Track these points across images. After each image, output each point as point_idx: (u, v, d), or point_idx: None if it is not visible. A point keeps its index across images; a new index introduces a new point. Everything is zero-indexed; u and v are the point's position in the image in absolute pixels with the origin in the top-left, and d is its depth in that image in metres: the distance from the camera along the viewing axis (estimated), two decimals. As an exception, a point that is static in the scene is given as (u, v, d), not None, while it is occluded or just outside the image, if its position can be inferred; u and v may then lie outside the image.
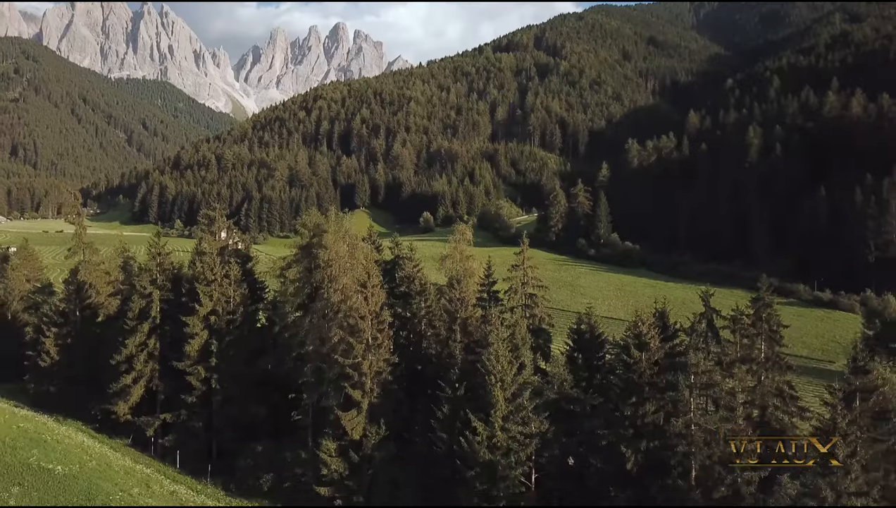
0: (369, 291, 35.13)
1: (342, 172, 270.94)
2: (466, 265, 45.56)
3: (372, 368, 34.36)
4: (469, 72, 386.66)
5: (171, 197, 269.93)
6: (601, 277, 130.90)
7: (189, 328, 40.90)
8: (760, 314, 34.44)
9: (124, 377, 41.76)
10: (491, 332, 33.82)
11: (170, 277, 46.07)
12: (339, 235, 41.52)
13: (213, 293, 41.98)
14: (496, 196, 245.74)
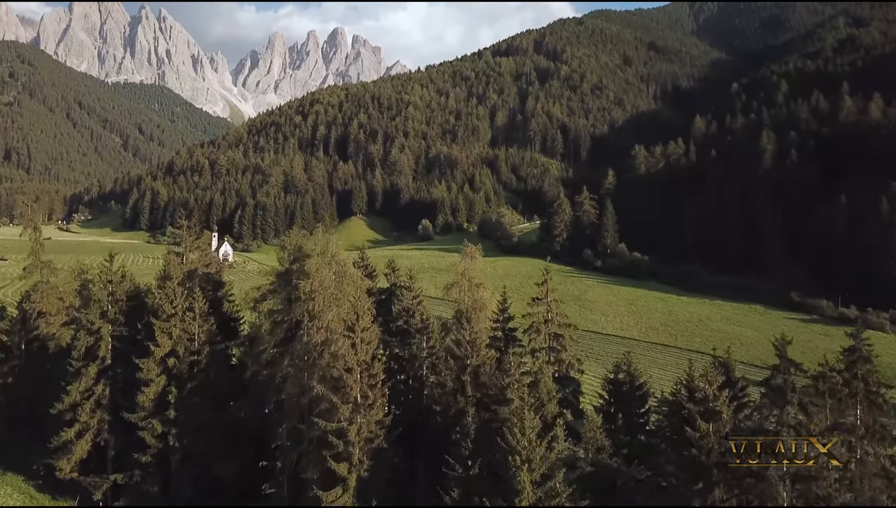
0: (358, 335, 28.30)
1: (339, 178, 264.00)
2: (476, 296, 38.56)
3: (361, 434, 27.56)
4: (468, 76, 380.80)
5: (162, 203, 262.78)
6: (609, 290, 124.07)
7: (143, 372, 34.00)
8: (856, 371, 27.41)
9: (66, 432, 34.80)
10: (510, 385, 26.98)
11: (123, 308, 38.96)
12: (325, 260, 34.62)
13: (173, 330, 35.07)
14: (497, 203, 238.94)
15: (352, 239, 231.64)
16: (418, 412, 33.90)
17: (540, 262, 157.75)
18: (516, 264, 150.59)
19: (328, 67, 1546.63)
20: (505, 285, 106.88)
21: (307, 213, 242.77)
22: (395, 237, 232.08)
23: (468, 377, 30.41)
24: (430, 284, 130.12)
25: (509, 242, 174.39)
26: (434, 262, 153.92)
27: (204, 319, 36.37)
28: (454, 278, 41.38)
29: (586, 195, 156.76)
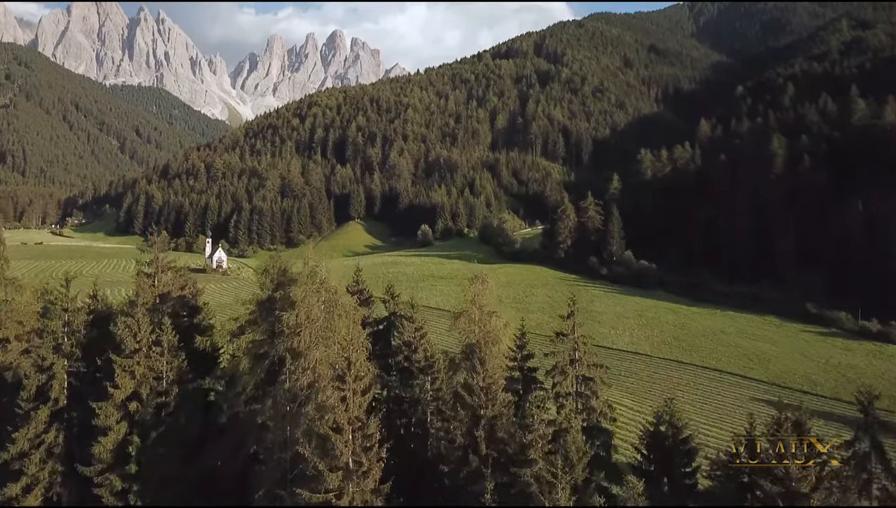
0: (350, 387, 23.46)
1: (336, 181, 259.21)
2: (489, 327, 33.45)
3: (353, 504, 22.66)
4: (468, 79, 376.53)
5: (157, 207, 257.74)
6: (617, 300, 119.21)
7: (100, 419, 29.15)
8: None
9: (10, 487, 29.86)
10: (533, 444, 22.19)
11: (81, 340, 33.97)
12: (313, 287, 29.79)
13: (137, 368, 30.20)
14: (497, 208, 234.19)
15: (349, 244, 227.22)
16: (422, 465, 29.07)
17: (544, 270, 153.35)
18: (519, 271, 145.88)
19: (327, 69, 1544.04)
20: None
21: (304, 217, 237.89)
22: (394, 243, 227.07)
23: (482, 431, 25.55)
24: (430, 292, 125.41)
25: (511, 248, 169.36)
26: (434, 269, 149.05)
27: (174, 353, 31.46)
28: (463, 306, 36.29)
29: (591, 201, 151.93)
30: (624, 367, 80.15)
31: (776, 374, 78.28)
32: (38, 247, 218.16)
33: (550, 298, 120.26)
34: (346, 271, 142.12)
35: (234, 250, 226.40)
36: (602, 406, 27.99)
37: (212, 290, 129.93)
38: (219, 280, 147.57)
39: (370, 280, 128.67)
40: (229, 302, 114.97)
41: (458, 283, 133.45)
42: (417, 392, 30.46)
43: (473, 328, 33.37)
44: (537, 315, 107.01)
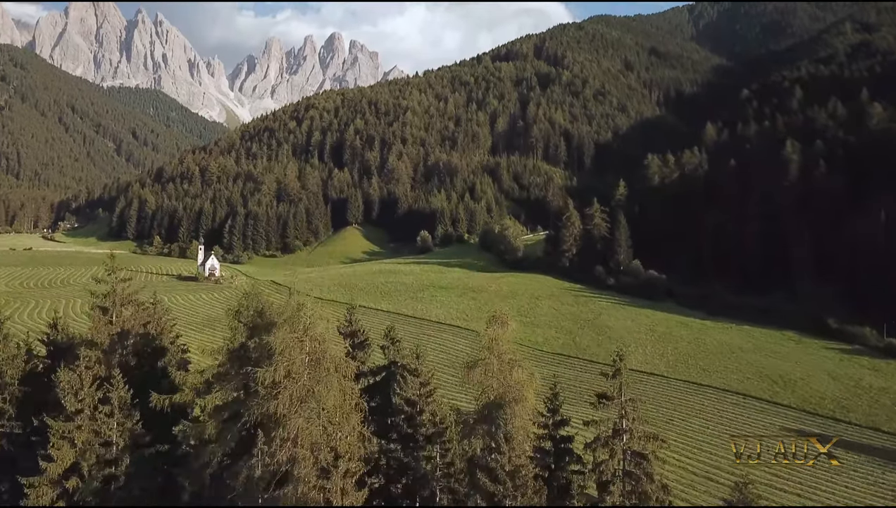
0: (337, 483, 17.91)
1: (334, 186, 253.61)
2: (511, 381, 27.44)
3: None
4: (468, 81, 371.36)
5: (150, 212, 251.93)
6: (626, 313, 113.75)
7: (29, 499, 23.60)
8: None
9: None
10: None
11: (17, 394, 28.30)
12: (295, 335, 24.25)
13: (77, 435, 24.62)
14: (498, 213, 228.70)
15: (348, 250, 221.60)
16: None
17: (548, 279, 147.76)
18: (522, 281, 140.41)
19: (325, 72, 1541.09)
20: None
21: (301, 223, 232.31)
22: (392, 249, 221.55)
23: (507, 529, 20.10)
24: (430, 303, 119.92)
25: (514, 256, 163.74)
26: (435, 278, 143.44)
27: (126, 413, 25.84)
28: (479, 354, 30.60)
29: (597, 208, 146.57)
30: (640, 390, 74.54)
31: (804, 398, 72.86)
32: (26, 253, 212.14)
33: (556, 310, 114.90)
34: (343, 280, 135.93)
35: (228, 256, 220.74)
36: (657, 492, 22.38)
37: (202, 301, 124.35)
38: (210, 289, 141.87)
39: (368, 289, 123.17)
40: (219, 315, 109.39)
41: (459, 293, 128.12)
42: (424, 468, 24.97)
43: (492, 381, 27.63)
44: (544, 330, 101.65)
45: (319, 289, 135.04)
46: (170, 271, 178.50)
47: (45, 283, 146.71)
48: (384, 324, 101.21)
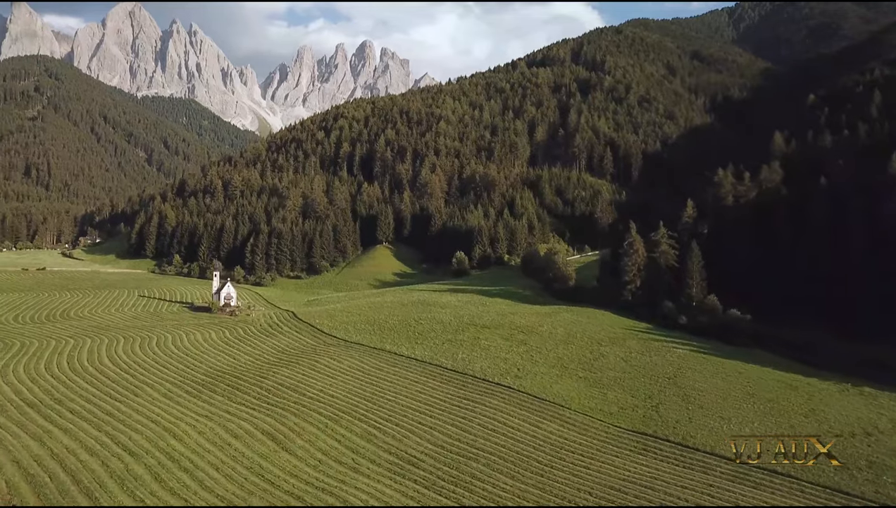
0: None
1: (363, 201, 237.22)
2: None
3: None
4: (503, 88, 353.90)
5: (170, 228, 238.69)
6: (712, 366, 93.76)
7: None
8: None
9: None
10: None
11: None
12: None
13: None
14: (541, 231, 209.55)
15: (377, 272, 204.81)
16: None
17: (607, 316, 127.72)
18: (578, 318, 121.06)
19: (356, 79, 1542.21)
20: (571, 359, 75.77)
21: (327, 241, 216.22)
22: (425, 270, 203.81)
23: None
24: (472, 349, 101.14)
25: (564, 285, 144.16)
26: (475, 313, 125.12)
27: None
28: None
29: (663, 233, 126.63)
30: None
31: None
32: (37, 274, 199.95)
33: (625, 361, 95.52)
34: (371, 314, 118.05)
35: (250, 277, 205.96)
36: None
37: (210, 343, 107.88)
38: (222, 324, 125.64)
39: (399, 328, 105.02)
40: (226, 367, 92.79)
41: (506, 335, 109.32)
42: None
43: None
44: (616, 393, 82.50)
45: (345, 327, 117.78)
46: (184, 298, 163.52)
47: (44, 315, 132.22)
48: (419, 378, 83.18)
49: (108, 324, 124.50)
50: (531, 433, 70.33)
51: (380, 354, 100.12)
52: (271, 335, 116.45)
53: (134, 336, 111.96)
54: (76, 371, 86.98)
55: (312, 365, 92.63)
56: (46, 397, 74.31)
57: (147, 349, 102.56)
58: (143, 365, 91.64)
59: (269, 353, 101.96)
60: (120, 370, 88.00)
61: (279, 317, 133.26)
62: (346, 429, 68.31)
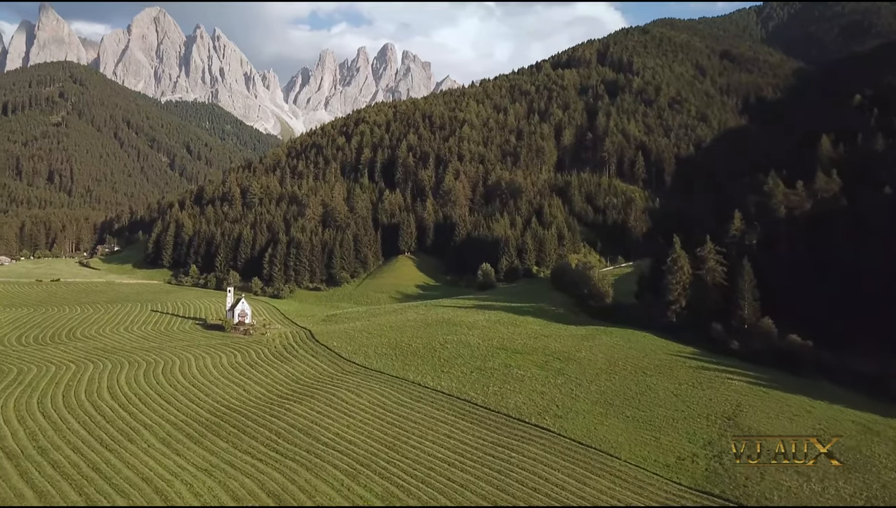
0: None
1: (384, 209, 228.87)
2: None
3: None
4: (528, 90, 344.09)
5: (186, 237, 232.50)
6: (774, 403, 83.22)
7: None
8: None
9: None
10: None
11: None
12: None
13: None
14: (571, 241, 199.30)
15: (399, 283, 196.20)
16: None
17: (650, 339, 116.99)
18: (618, 342, 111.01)
19: (378, 82, 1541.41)
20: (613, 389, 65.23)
21: (348, 251, 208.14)
22: (449, 282, 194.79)
23: None
24: (505, 380, 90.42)
25: (600, 302, 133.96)
26: (506, 335, 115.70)
27: None
28: None
29: (710, 248, 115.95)
30: None
31: None
32: (50, 286, 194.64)
33: (677, 396, 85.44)
34: (393, 335, 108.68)
35: (268, 288, 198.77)
36: None
37: (220, 371, 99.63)
38: (235, 345, 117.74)
39: (423, 353, 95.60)
40: (234, 401, 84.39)
41: (540, 363, 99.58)
42: None
43: None
44: (671, 437, 72.52)
45: (364, 351, 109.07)
46: (197, 313, 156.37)
47: (48, 335, 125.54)
48: (446, 417, 73.78)
49: (115, 346, 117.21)
50: (577, 492, 60.78)
51: (402, 385, 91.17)
52: (286, 359, 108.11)
53: (140, 361, 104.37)
54: (70, 408, 79.22)
55: (329, 399, 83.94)
56: (30, 444, 66.40)
57: (151, 377, 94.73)
58: (145, 399, 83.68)
59: (283, 383, 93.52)
60: (118, 407, 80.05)
61: (295, 337, 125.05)
62: (364, 488, 59.33)
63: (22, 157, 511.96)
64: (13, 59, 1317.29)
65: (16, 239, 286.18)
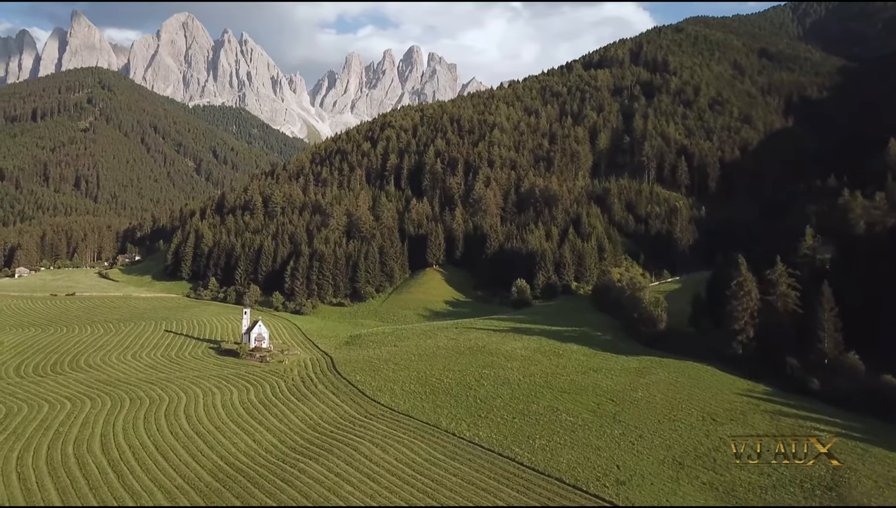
0: None
1: (411, 219, 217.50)
2: None
3: None
4: (559, 92, 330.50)
5: (206, 249, 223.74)
6: (878, 462, 69.20)
7: None
8: None
9: None
10: None
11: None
12: None
13: None
14: (612, 254, 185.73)
15: (427, 299, 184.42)
16: None
17: (712, 373, 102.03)
18: (679, 377, 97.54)
19: (404, 85, 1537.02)
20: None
21: (373, 264, 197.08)
22: (481, 299, 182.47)
23: None
24: (554, 432, 75.51)
25: (652, 328, 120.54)
26: (549, 370, 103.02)
27: None
28: None
29: (782, 270, 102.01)
30: None
31: None
32: (64, 302, 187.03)
33: (759, 455, 71.73)
34: (422, 366, 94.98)
35: (289, 303, 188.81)
36: None
37: (231, 410, 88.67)
38: (249, 375, 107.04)
39: (456, 391, 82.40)
40: (242, 455, 72.96)
41: (592, 406, 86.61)
42: None
43: None
44: (763, 518, 59.24)
45: (390, 387, 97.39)
46: (213, 334, 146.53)
47: (50, 364, 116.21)
48: (487, 483, 60.33)
49: (119, 377, 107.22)
50: None
51: (434, 434, 79.19)
52: (303, 396, 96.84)
53: (143, 397, 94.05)
54: (52, 466, 68.67)
55: (350, 456, 72.19)
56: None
57: (151, 420, 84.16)
58: (139, 454, 72.84)
59: (298, 430, 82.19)
60: (107, 465, 69.29)
61: (315, 366, 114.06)
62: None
63: (49, 163, 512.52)
64: (46, 66, 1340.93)
65: (37, 249, 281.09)
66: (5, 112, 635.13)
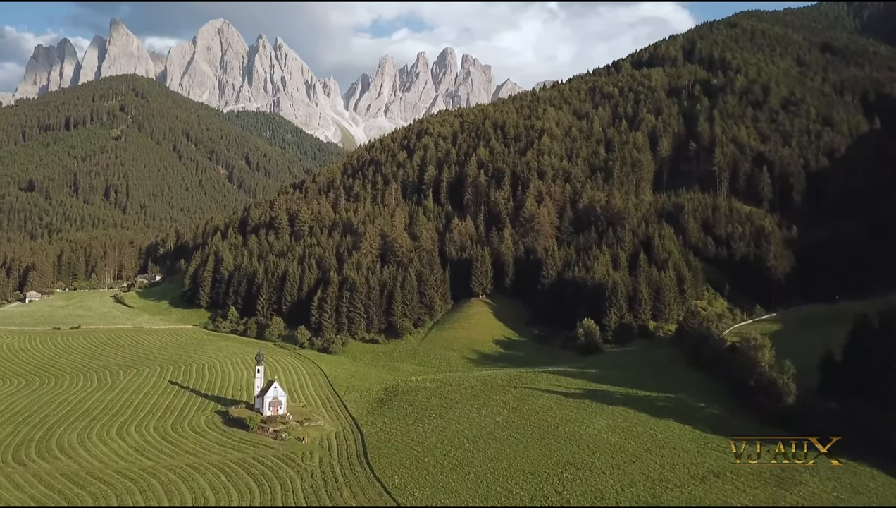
0: None
1: (453, 240, 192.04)
2: None
3: None
4: (610, 93, 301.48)
5: (226, 274, 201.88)
6: None
7: None
8: None
9: None
10: None
11: None
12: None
13: None
14: (692, 284, 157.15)
15: (473, 337, 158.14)
16: None
17: (887, 481, 75.10)
18: (840, 489, 69.58)
19: (438, 88, 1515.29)
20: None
21: (410, 294, 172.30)
22: (537, 338, 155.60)
23: None
24: None
25: (776, 404, 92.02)
26: (653, 468, 76.52)
27: None
28: None
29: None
30: None
31: None
32: (66, 337, 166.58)
33: None
34: (478, 460, 71.36)
35: (316, 339, 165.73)
36: None
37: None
38: (256, 464, 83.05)
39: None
40: None
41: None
42: None
43: None
44: None
45: (441, 500, 71.94)
46: (223, 389, 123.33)
47: (13, 446, 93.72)
48: None
49: (92, 470, 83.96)
50: None
51: None
52: None
53: None
54: None
55: None
56: None
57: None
58: None
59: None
60: None
61: (342, 452, 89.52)
62: None
63: (79, 172, 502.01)
64: (86, 74, 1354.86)
65: (53, 269, 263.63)
66: (40, 121, 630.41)
